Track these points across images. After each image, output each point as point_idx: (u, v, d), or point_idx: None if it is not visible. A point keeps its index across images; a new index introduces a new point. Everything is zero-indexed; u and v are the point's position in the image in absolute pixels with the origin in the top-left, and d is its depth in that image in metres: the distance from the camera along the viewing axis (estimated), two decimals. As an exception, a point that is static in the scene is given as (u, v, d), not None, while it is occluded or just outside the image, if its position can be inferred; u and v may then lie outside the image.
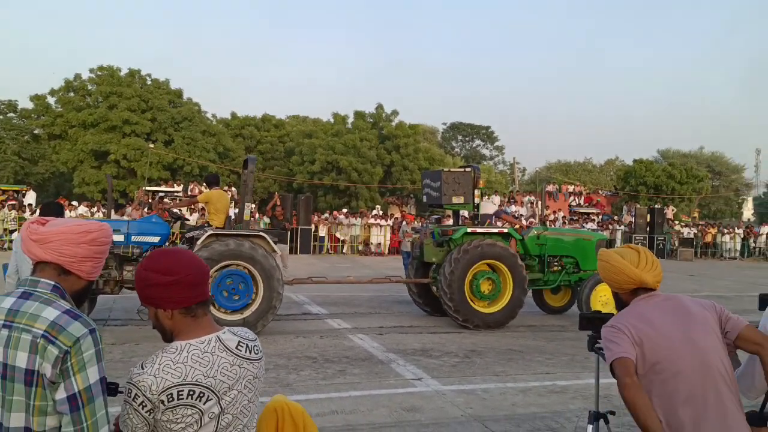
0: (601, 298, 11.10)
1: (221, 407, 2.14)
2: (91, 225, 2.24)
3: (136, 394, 2.09)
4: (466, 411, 6.39)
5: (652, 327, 2.72)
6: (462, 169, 11.98)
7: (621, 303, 2.98)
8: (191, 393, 2.10)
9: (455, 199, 11.47)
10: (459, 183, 11.46)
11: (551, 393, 7.16)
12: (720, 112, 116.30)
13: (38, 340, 1.98)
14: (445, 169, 12.22)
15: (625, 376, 2.62)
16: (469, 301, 10.84)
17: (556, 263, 12.03)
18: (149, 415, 2.10)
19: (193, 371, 2.12)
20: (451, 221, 14.47)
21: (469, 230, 11.15)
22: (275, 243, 10.09)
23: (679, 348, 2.69)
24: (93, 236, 2.20)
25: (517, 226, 12.71)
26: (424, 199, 12.47)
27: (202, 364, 2.14)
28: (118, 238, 9.60)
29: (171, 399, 2.08)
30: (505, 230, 11.44)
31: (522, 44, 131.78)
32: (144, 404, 2.09)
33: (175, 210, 12.15)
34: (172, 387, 2.08)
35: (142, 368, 2.12)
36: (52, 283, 2.13)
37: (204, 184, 12.81)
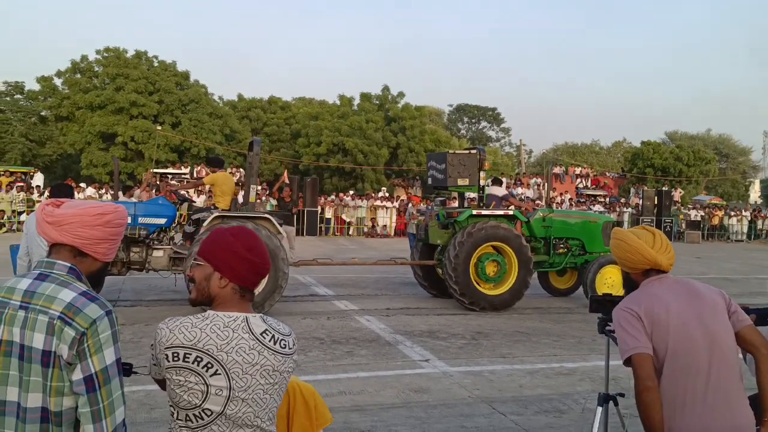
0: (607, 281, 11.10)
1: (231, 387, 2.12)
2: (107, 207, 2.24)
3: (154, 337, 2.18)
4: (474, 392, 6.43)
5: (665, 308, 2.73)
6: (467, 151, 11.95)
7: (631, 284, 2.97)
8: (198, 359, 2.09)
9: (460, 182, 11.45)
10: (464, 165, 11.44)
11: (558, 375, 7.19)
12: (727, 95, 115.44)
13: (55, 322, 1.99)
14: (451, 151, 12.19)
15: (647, 379, 2.62)
16: (475, 283, 10.86)
17: (561, 245, 12.01)
18: (154, 359, 2.20)
19: (207, 339, 2.11)
20: (456, 203, 14.44)
21: (474, 212, 11.15)
22: (281, 225, 10.12)
23: (691, 329, 2.70)
24: (108, 218, 2.21)
25: (523, 209, 12.68)
26: (429, 181, 12.45)
27: (219, 337, 2.13)
28: (126, 219, 9.65)
29: (176, 358, 2.09)
30: (511, 212, 11.43)
31: (528, 25, 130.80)
32: (153, 347, 2.19)
33: (182, 192, 12.17)
34: (179, 347, 2.09)
35: (170, 321, 2.18)
36: (69, 264, 2.14)
37: (208, 165, 12.69)
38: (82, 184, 27.45)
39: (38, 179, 28.08)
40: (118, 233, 2.26)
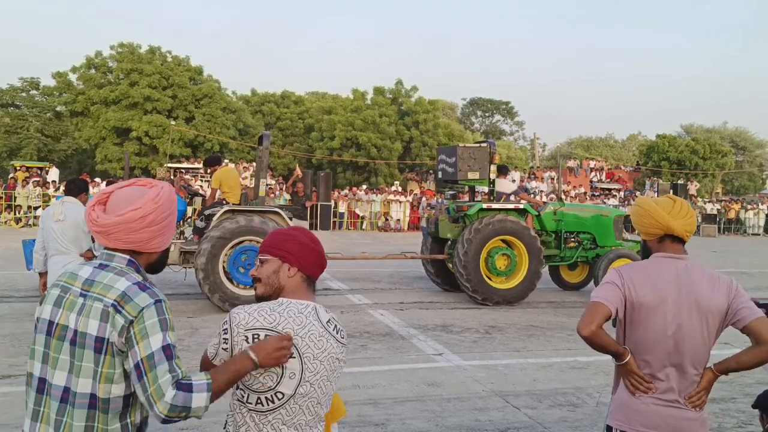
0: (618, 275, 10.97)
1: (302, 370, 2.21)
2: (146, 207, 2.23)
3: (225, 321, 2.24)
4: (487, 386, 6.42)
5: (652, 287, 2.70)
6: (477, 145, 11.87)
7: (646, 252, 2.93)
8: None
9: (471, 175, 11.39)
10: (474, 158, 11.37)
11: (572, 369, 7.16)
12: (744, 87, 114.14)
13: (108, 309, 2.07)
14: (461, 145, 12.09)
15: (592, 323, 2.64)
16: (486, 279, 10.80)
17: (572, 239, 11.92)
18: (225, 344, 2.22)
19: (286, 323, 2.21)
20: (467, 197, 14.38)
21: (484, 206, 11.08)
22: (290, 219, 10.11)
23: (664, 317, 2.68)
24: (150, 218, 2.23)
25: (534, 204, 12.57)
26: (440, 174, 12.35)
27: (295, 322, 2.24)
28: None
29: (256, 339, 2.17)
30: (521, 206, 11.36)
31: (543, 19, 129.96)
32: (226, 332, 2.22)
33: (192, 186, 12.19)
34: (260, 329, 2.18)
35: (243, 307, 2.26)
36: (127, 257, 2.23)
37: (205, 166, 12.10)
38: (97, 179, 27.63)
39: (53, 174, 28.25)
40: (164, 225, 2.29)
